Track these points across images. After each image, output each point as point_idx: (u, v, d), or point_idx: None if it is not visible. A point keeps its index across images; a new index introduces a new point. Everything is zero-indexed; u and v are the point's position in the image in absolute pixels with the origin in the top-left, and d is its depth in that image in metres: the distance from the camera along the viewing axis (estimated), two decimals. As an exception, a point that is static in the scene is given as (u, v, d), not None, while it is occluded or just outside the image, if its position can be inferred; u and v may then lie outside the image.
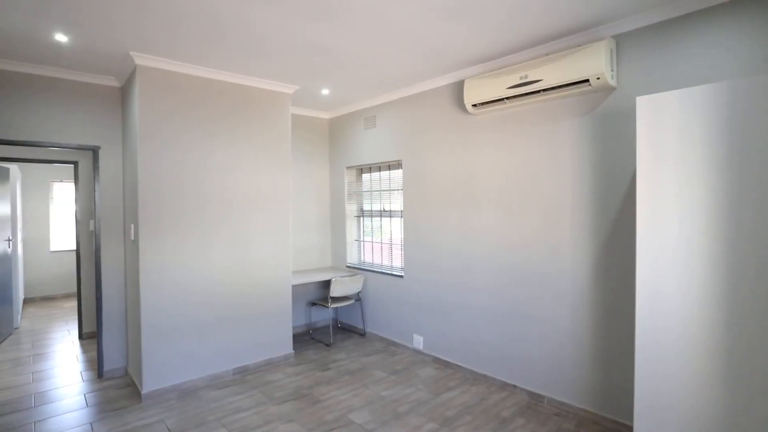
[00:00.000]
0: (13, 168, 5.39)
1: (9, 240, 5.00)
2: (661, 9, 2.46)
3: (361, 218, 5.03)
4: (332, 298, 4.53)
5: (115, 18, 2.52)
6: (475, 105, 3.34)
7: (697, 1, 2.34)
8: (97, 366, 3.83)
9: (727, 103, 1.88)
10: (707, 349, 1.95)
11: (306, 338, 4.70)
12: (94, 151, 3.62)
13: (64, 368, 3.87)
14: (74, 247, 7.17)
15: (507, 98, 3.11)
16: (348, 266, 5.01)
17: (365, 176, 4.96)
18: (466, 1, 2.35)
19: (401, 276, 4.30)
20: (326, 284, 5.18)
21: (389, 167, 4.58)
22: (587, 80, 2.67)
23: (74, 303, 6.58)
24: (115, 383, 3.54)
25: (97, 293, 3.62)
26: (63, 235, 7.15)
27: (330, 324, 4.73)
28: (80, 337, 4.77)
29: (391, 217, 4.60)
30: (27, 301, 6.70)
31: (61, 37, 2.78)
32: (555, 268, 3.03)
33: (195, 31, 2.74)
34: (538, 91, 2.92)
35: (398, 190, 4.46)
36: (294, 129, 4.94)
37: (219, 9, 2.43)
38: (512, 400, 3.16)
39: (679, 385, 2.03)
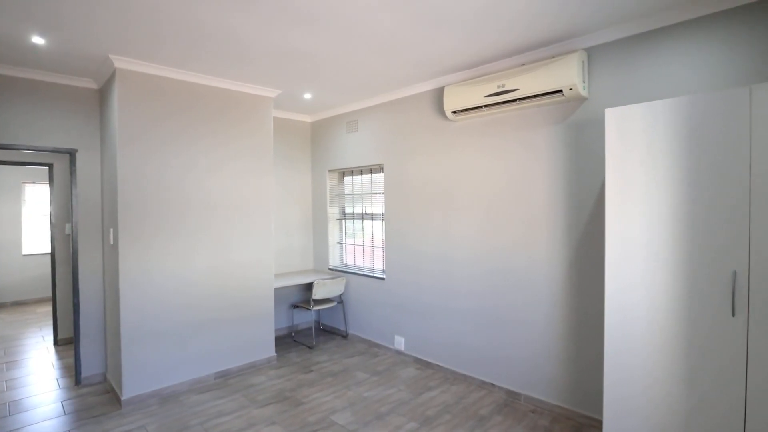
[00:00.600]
0: (-16, 169, 5.23)
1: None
2: (629, 24, 2.59)
3: (343, 221, 5.07)
4: (314, 300, 4.56)
5: (94, 21, 2.51)
6: (454, 112, 3.43)
7: (662, 19, 2.47)
8: (74, 372, 3.77)
9: (687, 116, 2.01)
10: (669, 350, 2.08)
11: (288, 341, 4.72)
12: (71, 154, 3.56)
13: (39, 375, 3.79)
14: (48, 251, 6.98)
15: (485, 106, 3.21)
16: (330, 269, 5.05)
17: (347, 179, 5.01)
18: (446, 12, 2.43)
19: (383, 278, 4.36)
20: (308, 287, 5.20)
21: (371, 171, 4.64)
22: (560, 90, 2.79)
23: (48, 308, 6.41)
24: (94, 390, 3.49)
25: (75, 298, 3.56)
26: (36, 238, 6.95)
27: (312, 326, 4.75)
28: (55, 343, 4.67)
29: (372, 220, 4.66)
30: (-3, 306, 6.50)
31: (38, 40, 2.74)
32: (531, 272, 3.15)
33: (176, 36, 2.74)
34: (515, 100, 3.03)
35: (380, 193, 4.52)
36: (276, 132, 4.95)
37: (201, 15, 2.45)
38: (490, 399, 3.26)
39: (644, 383, 2.16)
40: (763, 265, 1.83)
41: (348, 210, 4.99)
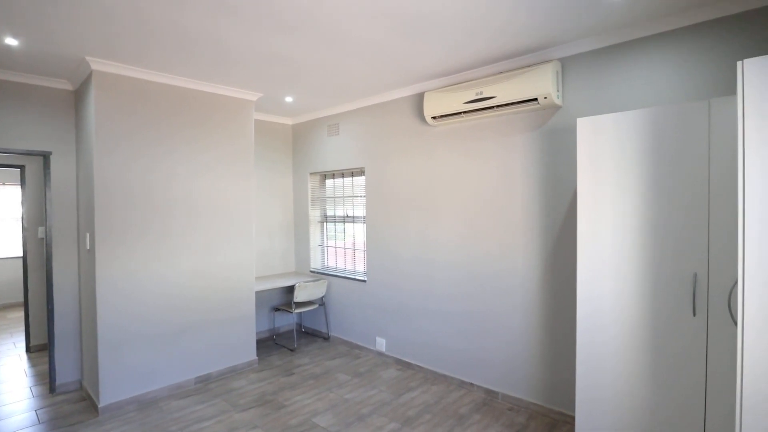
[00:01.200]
0: (-50, 171, 5.04)
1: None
2: (600, 36, 2.71)
3: (325, 223, 5.09)
4: (296, 303, 4.56)
5: (70, 24, 2.47)
6: (434, 117, 3.50)
7: (630, 32, 2.59)
8: (48, 380, 3.69)
9: (652, 127, 2.12)
10: (636, 348, 2.19)
11: (270, 344, 4.71)
12: (45, 156, 3.48)
13: (11, 383, 3.69)
14: (19, 254, 6.77)
15: (464, 112, 3.29)
16: (312, 271, 5.06)
17: (329, 182, 5.03)
18: (424, 21, 2.49)
19: (364, 281, 4.40)
20: (290, 289, 5.20)
21: (352, 174, 4.68)
22: (536, 99, 2.88)
23: (19, 313, 6.22)
24: (69, 397, 3.42)
25: (49, 304, 3.49)
26: (4, 242, 6.72)
27: (294, 329, 4.76)
28: (28, 350, 4.54)
29: (354, 222, 4.69)
30: (-36, 312, 6.26)
31: (11, 41, 2.68)
32: (509, 275, 3.24)
33: (157, 40, 2.72)
34: (493, 107, 3.12)
35: (361, 196, 4.56)
36: (257, 134, 4.93)
37: (184, 19, 2.45)
38: (469, 398, 3.34)
39: (613, 379, 2.26)
40: (721, 268, 1.95)
41: (329, 213, 5.01)
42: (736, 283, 1.89)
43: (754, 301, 1.55)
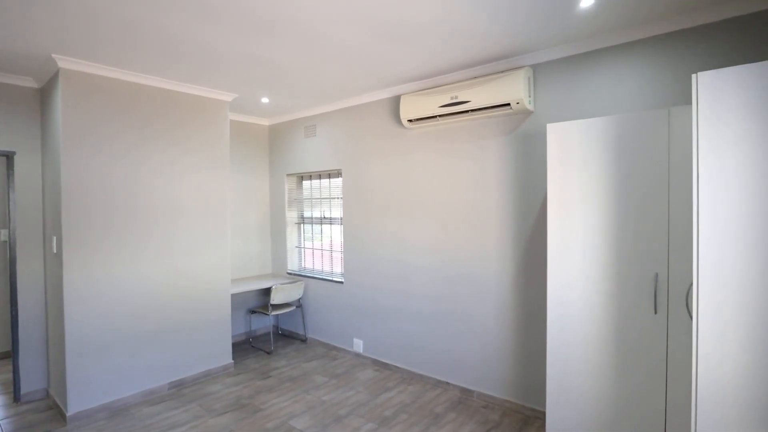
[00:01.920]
0: None
1: None
2: (570, 45, 2.80)
3: (302, 225, 5.07)
4: (273, 305, 4.53)
5: (35, 20, 2.40)
6: (410, 120, 3.54)
7: (598, 41, 2.70)
8: (12, 389, 3.55)
9: (617, 133, 2.22)
10: (601, 345, 2.28)
11: (246, 347, 4.66)
12: (8, 156, 3.35)
13: (-29, 393, 3.54)
14: (-21, 258, 6.46)
15: (439, 116, 3.35)
16: (289, 273, 5.03)
17: (306, 183, 5.01)
18: (403, 27, 2.53)
19: (341, 282, 4.41)
20: (266, 291, 5.15)
21: (329, 175, 4.68)
22: (509, 104, 2.96)
23: (-21, 319, 5.93)
24: (35, 406, 3.30)
25: (12, 310, 3.36)
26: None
27: (271, 331, 4.72)
28: (-11, 357, 4.35)
29: (331, 224, 4.70)
30: None
31: (-29, 37, 2.58)
32: (482, 277, 3.31)
33: (132, 41, 2.67)
34: (467, 111, 3.18)
35: (338, 198, 4.57)
36: (233, 135, 4.87)
37: (162, 19, 2.40)
38: (445, 396, 3.40)
39: (581, 380, 2.35)
40: (681, 269, 2.05)
41: (307, 214, 5.00)
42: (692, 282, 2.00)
43: (708, 299, 1.64)
